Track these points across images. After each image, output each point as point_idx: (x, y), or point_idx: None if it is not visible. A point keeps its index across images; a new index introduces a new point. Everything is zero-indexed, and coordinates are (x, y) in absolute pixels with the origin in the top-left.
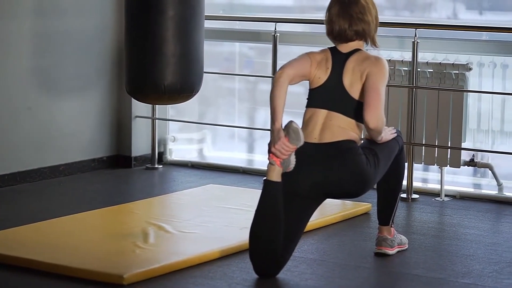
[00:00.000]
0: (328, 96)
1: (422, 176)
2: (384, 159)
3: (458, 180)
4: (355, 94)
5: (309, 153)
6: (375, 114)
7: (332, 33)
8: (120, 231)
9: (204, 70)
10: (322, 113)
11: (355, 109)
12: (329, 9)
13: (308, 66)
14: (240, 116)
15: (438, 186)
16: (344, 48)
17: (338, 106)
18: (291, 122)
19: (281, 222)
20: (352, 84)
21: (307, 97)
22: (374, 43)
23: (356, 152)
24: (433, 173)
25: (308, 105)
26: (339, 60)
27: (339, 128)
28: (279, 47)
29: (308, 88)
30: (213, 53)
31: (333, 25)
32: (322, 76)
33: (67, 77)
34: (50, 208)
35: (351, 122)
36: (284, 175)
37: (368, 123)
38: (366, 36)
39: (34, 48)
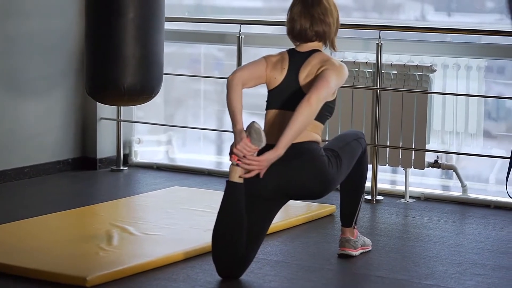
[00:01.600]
0: (285, 96)
1: (390, 178)
2: (347, 160)
3: (425, 181)
4: (307, 90)
5: None
6: (317, 94)
7: (292, 32)
8: (84, 233)
9: (172, 72)
10: (281, 114)
11: None
12: (291, 8)
13: (263, 68)
14: (209, 118)
15: (403, 188)
16: (303, 48)
17: (296, 106)
18: (253, 122)
19: (243, 223)
20: (305, 79)
21: (266, 99)
22: (333, 46)
23: (318, 154)
24: (401, 174)
25: (268, 107)
26: (297, 59)
27: None
28: (248, 49)
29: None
30: (180, 54)
31: (294, 24)
32: (278, 76)
33: (31, 78)
34: (14, 210)
35: (311, 122)
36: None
37: (310, 96)
38: (326, 38)
39: None
